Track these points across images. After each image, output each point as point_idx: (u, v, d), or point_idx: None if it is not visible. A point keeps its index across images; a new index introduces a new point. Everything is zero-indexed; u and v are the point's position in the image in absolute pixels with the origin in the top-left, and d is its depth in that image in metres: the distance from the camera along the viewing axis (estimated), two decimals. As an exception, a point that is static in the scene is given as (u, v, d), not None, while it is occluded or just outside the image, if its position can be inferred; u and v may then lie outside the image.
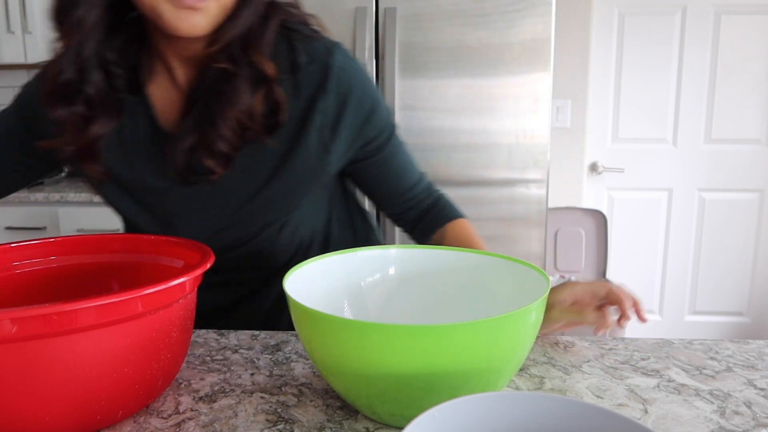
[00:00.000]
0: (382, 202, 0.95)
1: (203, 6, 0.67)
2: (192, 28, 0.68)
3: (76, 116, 0.74)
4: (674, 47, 2.54)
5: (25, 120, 0.84)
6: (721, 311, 2.66)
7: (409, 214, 0.95)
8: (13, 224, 2.31)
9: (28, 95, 0.84)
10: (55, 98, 0.73)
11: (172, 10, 0.66)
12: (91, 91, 0.73)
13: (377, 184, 0.92)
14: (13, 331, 0.48)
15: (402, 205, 0.94)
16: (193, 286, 0.62)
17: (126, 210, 0.85)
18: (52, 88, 0.73)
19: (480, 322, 0.49)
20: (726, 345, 0.79)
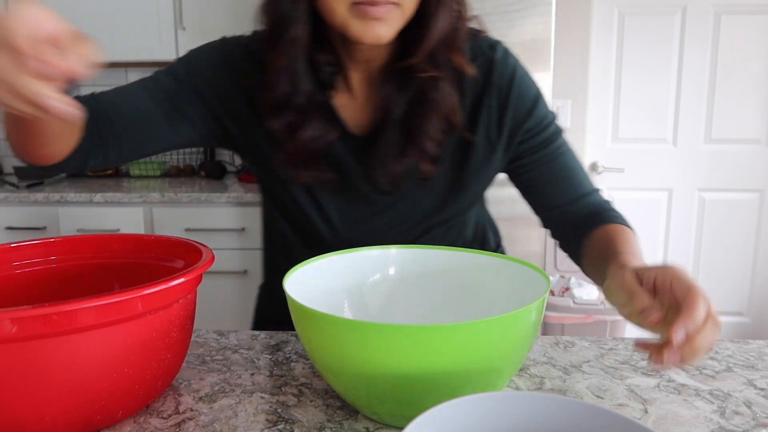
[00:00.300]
0: (547, 208, 0.87)
1: (387, 16, 0.69)
2: (377, 38, 0.70)
3: (290, 124, 0.77)
4: (674, 47, 2.54)
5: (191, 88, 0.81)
6: (721, 311, 2.65)
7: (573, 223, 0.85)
8: (13, 224, 2.31)
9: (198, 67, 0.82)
10: (272, 112, 0.77)
11: (358, 21, 0.69)
12: (301, 99, 0.76)
13: (542, 186, 0.86)
14: (13, 331, 0.48)
15: (567, 215, 0.86)
16: (193, 286, 0.62)
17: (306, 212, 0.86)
18: (270, 104, 0.77)
19: (480, 322, 0.49)
20: (726, 345, 0.79)
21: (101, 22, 2.44)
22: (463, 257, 0.72)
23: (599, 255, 0.74)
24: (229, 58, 0.82)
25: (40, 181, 2.48)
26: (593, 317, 2.22)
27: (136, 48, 2.45)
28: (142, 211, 2.28)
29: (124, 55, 2.46)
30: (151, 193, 2.26)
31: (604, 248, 0.73)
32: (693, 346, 0.50)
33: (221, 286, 2.28)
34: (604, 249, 0.73)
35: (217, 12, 2.40)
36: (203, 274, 0.62)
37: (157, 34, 2.44)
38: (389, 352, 0.49)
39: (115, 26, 2.44)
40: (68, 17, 0.63)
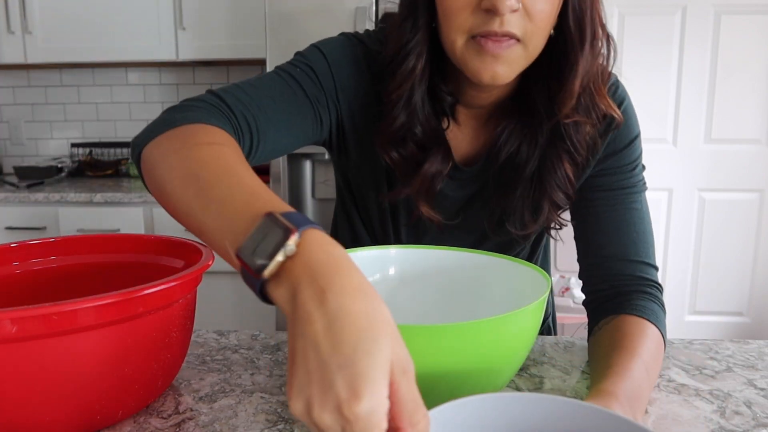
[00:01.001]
0: (591, 255, 0.79)
1: (505, 54, 0.65)
2: (493, 78, 0.66)
3: (410, 158, 0.75)
4: (674, 47, 2.53)
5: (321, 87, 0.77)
6: (721, 311, 2.66)
7: (601, 290, 0.76)
8: (13, 224, 2.31)
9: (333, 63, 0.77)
10: (390, 143, 0.74)
11: (476, 57, 0.65)
12: (419, 131, 0.74)
13: (596, 231, 0.78)
14: (13, 331, 0.48)
15: (606, 273, 0.76)
16: (193, 286, 0.62)
17: (383, 222, 0.85)
18: (388, 136, 0.74)
19: (480, 322, 0.49)
20: (726, 345, 0.79)
21: (101, 22, 2.44)
22: (463, 257, 0.72)
23: (596, 359, 0.67)
24: (361, 66, 0.78)
25: (40, 181, 2.48)
26: (593, 317, 2.22)
27: (136, 48, 2.45)
28: (142, 211, 2.28)
29: (124, 55, 2.46)
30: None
31: (603, 355, 0.65)
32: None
33: (221, 286, 2.28)
34: (603, 356, 0.65)
35: (217, 12, 2.40)
36: (203, 274, 0.61)
37: (157, 34, 2.44)
38: (389, 352, 0.49)
39: (115, 26, 2.44)
40: (69, 17, 0.63)
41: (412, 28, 0.70)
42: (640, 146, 0.79)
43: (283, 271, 0.41)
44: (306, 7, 2.04)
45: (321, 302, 0.38)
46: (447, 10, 0.65)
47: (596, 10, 0.67)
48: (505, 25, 0.63)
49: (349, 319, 0.37)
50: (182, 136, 0.59)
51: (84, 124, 2.88)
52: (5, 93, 2.88)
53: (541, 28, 0.65)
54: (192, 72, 2.79)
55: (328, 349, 0.37)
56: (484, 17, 0.63)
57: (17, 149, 2.91)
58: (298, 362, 0.39)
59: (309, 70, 0.75)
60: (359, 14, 2.01)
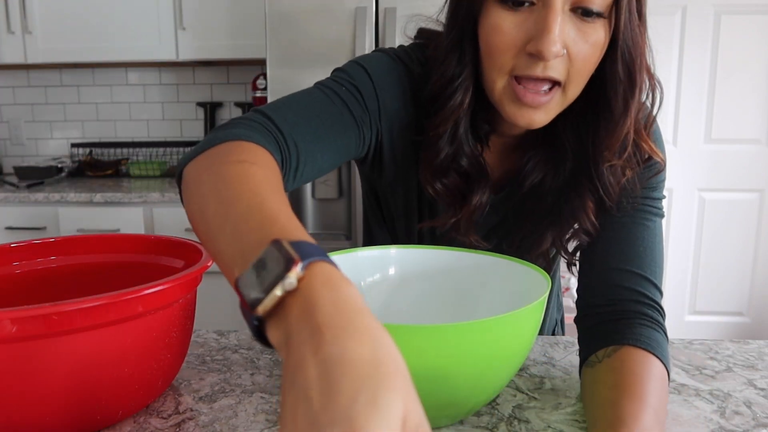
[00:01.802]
0: (592, 265, 0.74)
1: (546, 102, 0.64)
2: (530, 123, 0.65)
3: (454, 188, 0.74)
4: (674, 47, 2.53)
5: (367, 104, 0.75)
6: (721, 311, 2.66)
7: (598, 306, 0.71)
8: (13, 224, 2.31)
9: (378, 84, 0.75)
10: (434, 175, 0.74)
11: (513, 105, 0.65)
12: (464, 163, 0.73)
13: (603, 242, 0.73)
14: (13, 331, 0.48)
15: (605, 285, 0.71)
16: (193, 286, 0.62)
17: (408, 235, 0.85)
18: (433, 167, 0.73)
19: (480, 322, 0.49)
20: (726, 345, 0.79)
21: (101, 22, 2.44)
22: (463, 257, 0.72)
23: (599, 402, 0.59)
24: (405, 88, 0.76)
25: (40, 181, 2.48)
26: (593, 317, 2.22)
27: (136, 48, 2.45)
28: (142, 211, 2.28)
29: (124, 55, 2.46)
30: (151, 193, 2.26)
31: (608, 399, 0.58)
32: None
33: (221, 286, 2.28)
34: (607, 400, 0.58)
35: (217, 12, 2.40)
36: (203, 274, 0.62)
37: (157, 34, 2.44)
38: (389, 352, 0.49)
39: (115, 26, 2.44)
40: (69, 17, 0.63)
41: (458, 63, 0.69)
42: (665, 173, 0.76)
43: (281, 309, 0.36)
44: (306, 7, 2.04)
45: (318, 346, 0.32)
46: (491, 49, 0.64)
47: (643, 57, 0.65)
48: (548, 70, 0.62)
49: (350, 365, 0.30)
50: (219, 152, 0.56)
51: (84, 124, 2.88)
52: (5, 93, 2.88)
53: (582, 74, 0.64)
54: (192, 72, 2.79)
55: (321, 401, 0.30)
56: (528, 61, 0.62)
57: (17, 149, 2.91)
58: (286, 420, 0.31)
59: (354, 89, 0.73)
60: (359, 14, 2.01)
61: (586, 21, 0.61)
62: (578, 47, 0.61)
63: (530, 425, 0.58)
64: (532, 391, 0.65)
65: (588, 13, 0.60)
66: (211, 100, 2.80)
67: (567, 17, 0.60)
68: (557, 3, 0.59)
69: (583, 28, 0.61)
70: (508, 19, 0.62)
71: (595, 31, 0.61)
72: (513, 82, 0.64)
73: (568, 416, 0.60)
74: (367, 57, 0.77)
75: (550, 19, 0.59)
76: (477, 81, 0.70)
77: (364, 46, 2.01)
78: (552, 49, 0.59)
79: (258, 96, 2.49)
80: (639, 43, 0.64)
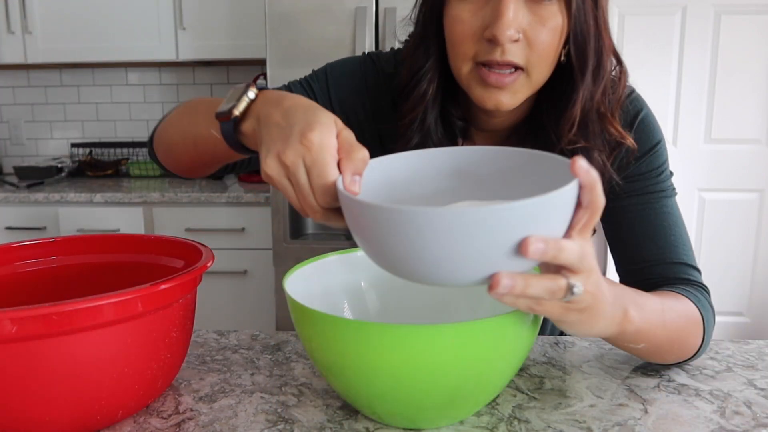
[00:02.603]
0: (628, 262, 0.78)
1: (511, 84, 0.66)
2: (497, 106, 0.67)
3: None
4: (674, 47, 2.53)
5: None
6: (721, 311, 2.65)
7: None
8: (13, 224, 2.31)
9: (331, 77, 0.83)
10: None
11: (479, 86, 0.67)
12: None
13: (630, 237, 0.77)
14: (13, 331, 0.48)
15: (646, 278, 0.75)
16: (193, 286, 0.62)
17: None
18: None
19: (480, 323, 0.49)
20: (726, 345, 0.79)
21: (101, 22, 2.44)
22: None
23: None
24: (369, 83, 0.81)
25: (40, 181, 2.48)
26: (593, 317, 2.22)
27: (136, 48, 2.45)
28: (142, 211, 2.28)
29: (124, 55, 2.46)
30: (151, 193, 2.26)
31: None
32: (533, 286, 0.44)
33: (221, 286, 2.28)
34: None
35: (217, 12, 2.40)
36: (203, 274, 0.62)
37: (157, 34, 2.44)
38: (389, 352, 0.49)
39: (115, 26, 2.44)
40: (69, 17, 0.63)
41: (424, 54, 0.72)
42: (664, 152, 0.79)
43: (249, 111, 0.57)
44: (306, 7, 2.04)
45: (277, 105, 0.54)
46: (452, 38, 0.67)
47: (603, 39, 0.67)
48: (507, 54, 0.64)
49: (301, 107, 0.53)
50: (183, 105, 0.74)
51: (84, 124, 2.88)
52: (5, 93, 2.88)
53: (543, 58, 0.66)
54: (192, 72, 2.79)
55: (285, 122, 0.52)
56: (487, 46, 0.65)
57: (17, 149, 2.91)
58: (265, 140, 0.52)
59: (308, 85, 0.82)
60: (359, 14, 2.01)
61: (541, 5, 0.64)
62: (535, 32, 0.64)
63: (530, 425, 0.58)
64: (532, 391, 0.65)
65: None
66: (211, 100, 2.80)
67: (521, 3, 0.63)
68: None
69: (539, 12, 0.64)
70: (466, 9, 0.65)
71: (552, 16, 0.64)
72: (477, 67, 0.67)
73: (568, 416, 0.60)
74: (339, 59, 0.85)
75: (502, 5, 0.62)
76: (446, 72, 0.73)
77: (364, 46, 2.01)
78: (506, 33, 0.62)
79: (258, 96, 2.49)
80: (591, 25, 0.66)
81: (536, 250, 0.42)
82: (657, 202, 0.76)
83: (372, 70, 0.82)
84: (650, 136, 0.78)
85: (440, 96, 0.74)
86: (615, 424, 0.58)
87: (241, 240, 2.27)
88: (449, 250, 0.43)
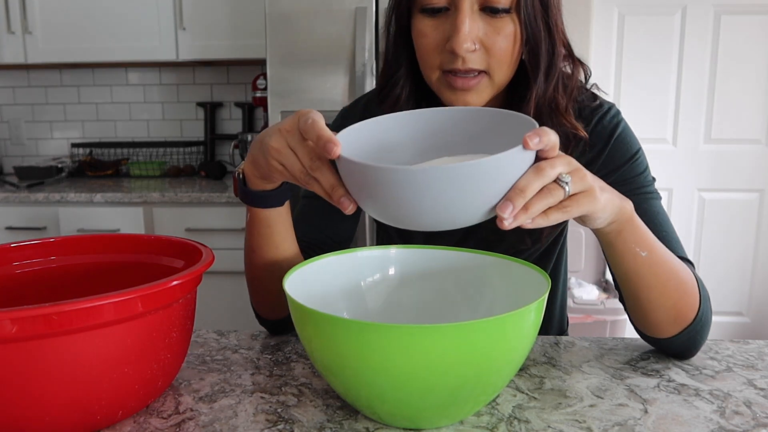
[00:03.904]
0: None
1: (476, 86, 0.74)
2: (465, 105, 0.74)
3: None
4: (674, 47, 2.53)
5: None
6: (721, 311, 2.66)
7: None
8: (13, 224, 2.31)
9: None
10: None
11: (448, 90, 0.75)
12: None
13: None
14: (13, 331, 0.48)
15: None
16: (193, 286, 0.62)
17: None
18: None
19: (479, 322, 0.49)
20: (726, 345, 0.79)
21: (101, 22, 2.44)
22: (463, 257, 0.72)
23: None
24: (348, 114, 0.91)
25: (40, 181, 2.48)
26: (593, 317, 2.22)
27: (136, 48, 2.45)
28: (142, 211, 2.28)
29: (124, 55, 2.46)
30: (151, 193, 2.26)
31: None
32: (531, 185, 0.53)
33: (221, 286, 2.28)
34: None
35: (217, 12, 2.40)
36: (203, 274, 0.62)
37: (157, 34, 2.44)
38: (389, 352, 0.49)
39: (115, 26, 2.44)
40: (69, 17, 0.63)
41: (395, 62, 0.81)
42: (645, 159, 0.83)
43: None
44: (306, 7, 2.04)
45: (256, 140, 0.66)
46: (420, 50, 0.76)
47: (555, 41, 0.74)
48: (468, 63, 0.72)
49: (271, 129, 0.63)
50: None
51: (84, 124, 2.88)
52: (5, 93, 2.88)
53: (503, 62, 0.73)
54: (192, 72, 2.79)
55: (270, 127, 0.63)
56: (450, 57, 0.72)
57: (17, 149, 2.91)
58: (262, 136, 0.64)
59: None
60: (359, 14, 2.01)
61: (495, 17, 0.71)
62: (491, 40, 0.71)
63: (530, 425, 0.58)
64: (532, 391, 0.65)
65: (494, 11, 0.70)
66: (211, 100, 2.80)
67: (477, 16, 0.71)
68: (465, 7, 0.70)
69: (494, 23, 0.71)
70: (429, 24, 0.73)
71: (505, 25, 0.71)
72: (444, 74, 0.74)
73: (568, 416, 0.60)
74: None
75: (458, 21, 0.70)
76: (417, 76, 0.80)
77: (364, 46, 2.01)
78: (463, 46, 0.70)
79: (258, 96, 2.49)
80: (541, 30, 0.73)
81: (534, 142, 0.52)
82: (646, 203, 0.79)
83: (351, 106, 0.92)
84: (630, 145, 0.83)
85: (413, 98, 0.82)
86: (615, 424, 0.58)
87: (241, 240, 2.26)
88: (435, 200, 0.52)
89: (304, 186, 0.62)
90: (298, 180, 0.62)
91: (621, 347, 0.78)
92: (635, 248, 0.66)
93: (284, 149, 0.61)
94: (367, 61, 2.01)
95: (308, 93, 2.08)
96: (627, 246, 0.66)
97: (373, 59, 2.03)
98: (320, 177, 0.59)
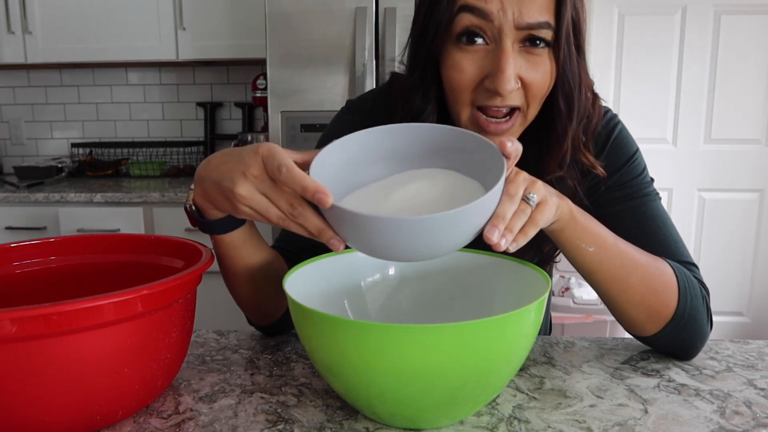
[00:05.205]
0: None
1: (507, 129, 0.71)
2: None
3: None
4: (674, 47, 2.53)
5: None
6: (721, 311, 2.66)
7: None
8: (13, 224, 2.31)
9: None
10: None
11: (478, 130, 0.71)
12: None
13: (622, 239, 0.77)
14: (13, 331, 0.48)
15: None
16: (193, 286, 0.62)
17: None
18: None
19: (479, 322, 0.49)
20: (726, 345, 0.79)
21: (101, 22, 2.44)
22: (463, 257, 0.72)
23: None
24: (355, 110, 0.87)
25: (40, 181, 2.48)
26: (593, 317, 2.22)
27: (136, 48, 2.45)
28: (142, 211, 2.27)
29: (124, 55, 2.46)
30: (151, 193, 2.26)
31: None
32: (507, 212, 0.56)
33: (221, 286, 2.28)
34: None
35: (217, 12, 2.40)
36: (203, 274, 0.62)
37: (157, 34, 2.44)
38: (389, 352, 0.49)
39: (115, 26, 2.44)
40: (69, 17, 0.63)
41: (423, 98, 0.75)
42: (642, 160, 0.83)
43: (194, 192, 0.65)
44: (306, 7, 2.04)
45: (208, 164, 0.62)
46: (453, 86, 0.71)
47: (585, 86, 0.73)
48: (507, 100, 0.69)
49: (228, 151, 0.60)
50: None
51: (84, 124, 2.88)
52: (5, 93, 2.88)
53: (537, 98, 0.71)
54: (192, 72, 2.79)
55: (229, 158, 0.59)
56: (487, 94, 0.69)
57: (17, 149, 2.91)
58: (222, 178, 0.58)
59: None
60: (359, 14, 2.01)
61: (534, 53, 0.68)
62: (531, 76, 0.69)
63: (530, 425, 0.58)
64: (532, 391, 0.65)
65: (534, 43, 0.68)
66: (211, 100, 2.80)
67: (517, 53, 0.68)
68: (508, 45, 0.66)
69: (532, 59, 0.68)
70: (465, 59, 0.69)
71: (543, 61, 0.69)
72: (476, 113, 0.71)
73: (568, 416, 0.60)
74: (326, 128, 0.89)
75: (502, 60, 0.66)
76: (443, 112, 0.77)
77: (364, 46, 2.01)
78: (507, 87, 0.67)
79: (258, 96, 2.49)
80: (577, 75, 0.71)
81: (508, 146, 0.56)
82: (645, 205, 0.79)
83: (359, 114, 0.86)
84: (627, 147, 0.82)
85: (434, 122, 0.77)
86: (615, 424, 0.58)
87: (241, 240, 2.26)
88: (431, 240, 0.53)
89: (280, 227, 0.59)
90: (275, 224, 0.57)
91: (621, 347, 0.78)
92: (581, 244, 0.67)
93: (254, 195, 0.56)
94: (366, 61, 2.01)
95: (308, 93, 2.09)
96: (572, 243, 0.67)
97: (373, 59, 2.03)
98: (304, 222, 0.56)
